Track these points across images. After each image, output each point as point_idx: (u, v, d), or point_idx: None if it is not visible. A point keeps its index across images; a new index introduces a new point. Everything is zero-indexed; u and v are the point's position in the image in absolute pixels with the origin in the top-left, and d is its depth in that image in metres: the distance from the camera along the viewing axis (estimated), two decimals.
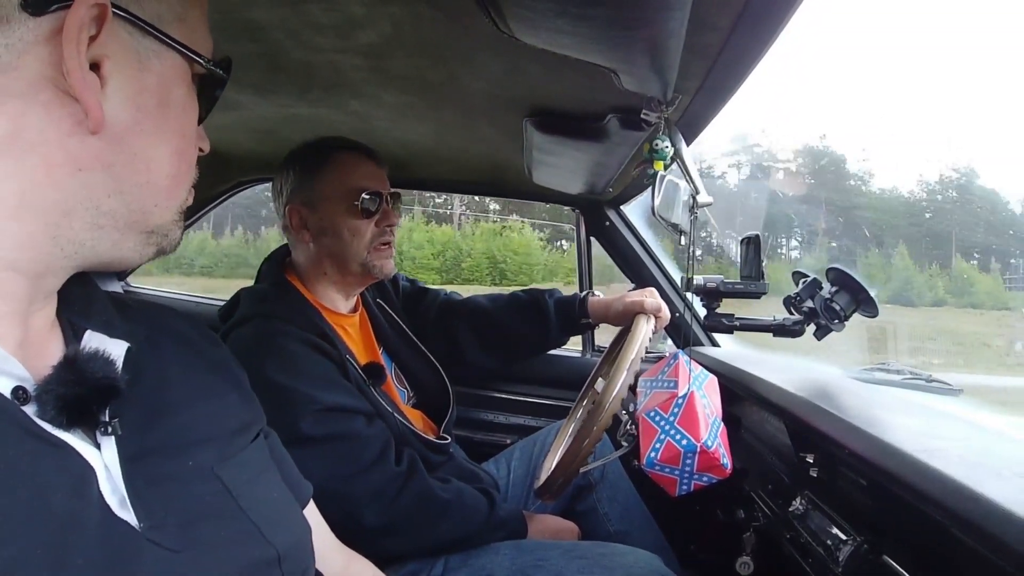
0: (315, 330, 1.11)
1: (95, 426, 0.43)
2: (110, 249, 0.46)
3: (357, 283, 1.28)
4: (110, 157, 0.43)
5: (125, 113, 0.43)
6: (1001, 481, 0.61)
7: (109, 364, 0.45)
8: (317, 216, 1.20)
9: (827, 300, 1.12)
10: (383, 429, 1.13)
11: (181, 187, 0.50)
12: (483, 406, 1.91)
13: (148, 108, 0.45)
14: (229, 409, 0.58)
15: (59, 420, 0.41)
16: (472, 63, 0.89)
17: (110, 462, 0.43)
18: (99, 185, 0.43)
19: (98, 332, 0.48)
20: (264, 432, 0.65)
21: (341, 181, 1.19)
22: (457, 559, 1.12)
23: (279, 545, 0.52)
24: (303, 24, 0.81)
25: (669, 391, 1.02)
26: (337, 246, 1.20)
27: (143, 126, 0.45)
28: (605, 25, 0.60)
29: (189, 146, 0.50)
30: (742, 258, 1.18)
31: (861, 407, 0.92)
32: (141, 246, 0.48)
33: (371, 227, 1.21)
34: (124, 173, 0.44)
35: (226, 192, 2.01)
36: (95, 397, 0.43)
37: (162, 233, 0.49)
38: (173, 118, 0.47)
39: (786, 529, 1.00)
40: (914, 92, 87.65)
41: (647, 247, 1.82)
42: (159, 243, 0.50)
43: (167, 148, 0.47)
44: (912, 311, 19.99)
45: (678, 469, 0.96)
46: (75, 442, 0.41)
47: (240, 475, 0.53)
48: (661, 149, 0.89)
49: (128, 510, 0.42)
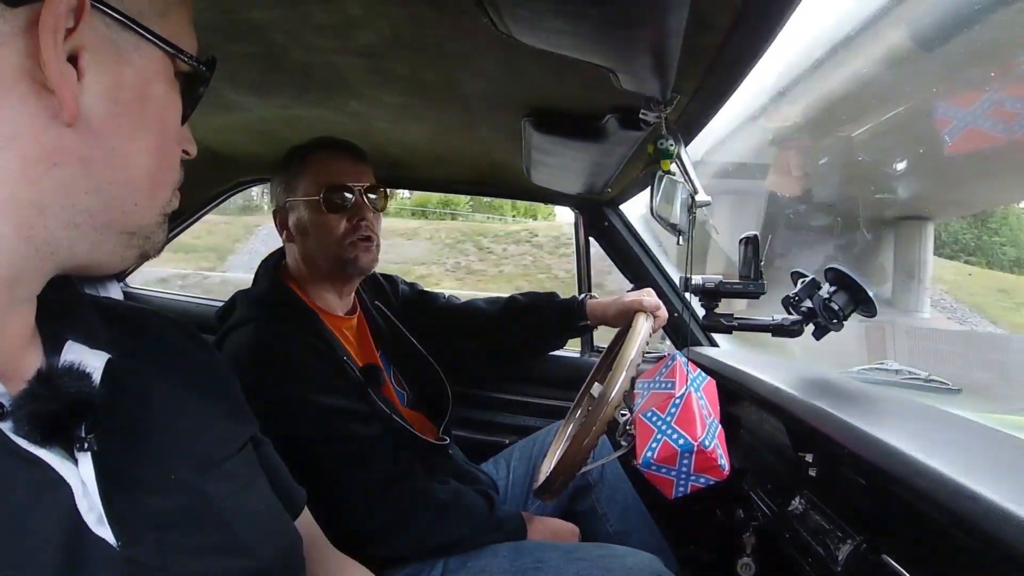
0: (312, 332, 1.11)
1: (72, 442, 0.42)
2: (89, 251, 0.45)
3: (341, 280, 1.26)
4: (86, 152, 0.42)
5: (102, 106, 0.42)
6: (999, 480, 0.61)
7: (85, 378, 0.44)
8: (295, 216, 1.21)
9: (825, 300, 1.12)
10: (381, 431, 1.13)
11: (162, 187, 0.49)
12: (482, 406, 1.90)
13: (126, 102, 0.44)
14: (216, 420, 0.58)
15: (34, 436, 0.40)
16: (471, 63, 0.89)
17: (87, 478, 0.42)
18: (75, 181, 0.42)
19: (78, 343, 0.47)
20: (256, 440, 0.65)
21: (312, 180, 1.20)
22: (456, 561, 1.12)
23: (265, 557, 0.52)
24: (302, 25, 0.81)
25: (666, 392, 1.02)
26: (311, 244, 1.21)
27: (120, 120, 0.44)
28: (603, 25, 0.60)
29: (170, 144, 0.49)
30: (741, 258, 1.18)
31: (860, 406, 0.92)
32: (122, 248, 0.47)
33: (342, 222, 1.20)
34: (101, 169, 0.43)
35: (225, 192, 2.01)
36: (69, 413, 0.42)
37: (144, 235, 0.48)
38: (152, 114, 0.46)
39: (785, 529, 1.01)
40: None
41: (645, 247, 1.82)
42: (141, 246, 0.48)
43: (146, 144, 0.46)
44: None
45: (674, 469, 0.96)
46: (51, 458, 0.41)
47: (225, 487, 0.53)
48: (667, 148, 0.89)
49: (105, 527, 0.42)
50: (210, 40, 0.88)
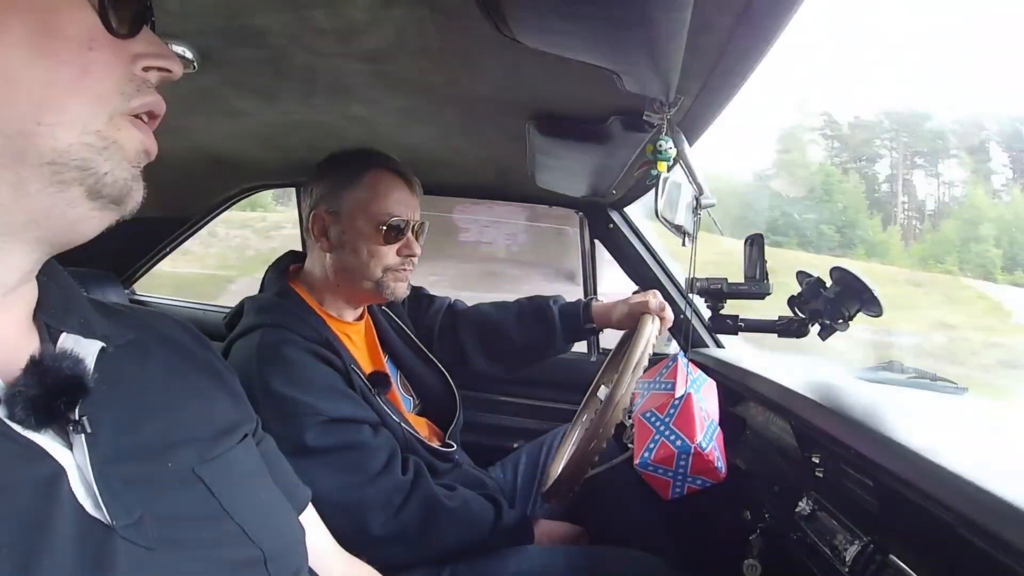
0: (319, 339, 1.11)
1: (66, 425, 0.42)
2: (17, 197, 0.41)
3: (367, 299, 1.28)
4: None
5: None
6: (1008, 480, 0.61)
7: (78, 363, 0.44)
8: (340, 228, 1.19)
9: (831, 300, 1.11)
10: (388, 438, 1.13)
11: (70, 97, 0.42)
12: (489, 410, 1.90)
13: (1, 21, 0.39)
14: (215, 410, 0.58)
15: (28, 421, 0.40)
16: (474, 67, 0.89)
17: (82, 462, 0.42)
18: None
19: (74, 334, 0.47)
20: (257, 436, 0.65)
21: (372, 200, 1.18)
22: (463, 567, 1.12)
23: (265, 546, 0.52)
24: (306, 29, 0.81)
25: (666, 393, 1.02)
26: (354, 262, 1.19)
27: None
28: (606, 27, 0.60)
29: (73, 49, 0.42)
30: (746, 259, 1.18)
31: (866, 407, 0.92)
32: (53, 188, 0.42)
33: (392, 253, 1.20)
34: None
35: (231, 198, 2.02)
36: (62, 396, 0.42)
37: (77, 166, 0.42)
38: (33, 23, 0.40)
39: (792, 530, 1.00)
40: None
41: (651, 249, 1.82)
42: (84, 181, 0.42)
43: (32, 56, 0.40)
44: None
45: (671, 470, 0.96)
46: (46, 443, 0.41)
47: (224, 476, 0.52)
48: (665, 150, 0.89)
49: (100, 509, 0.41)
50: (213, 46, 0.89)
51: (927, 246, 24.34)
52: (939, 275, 19.06)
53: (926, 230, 27.35)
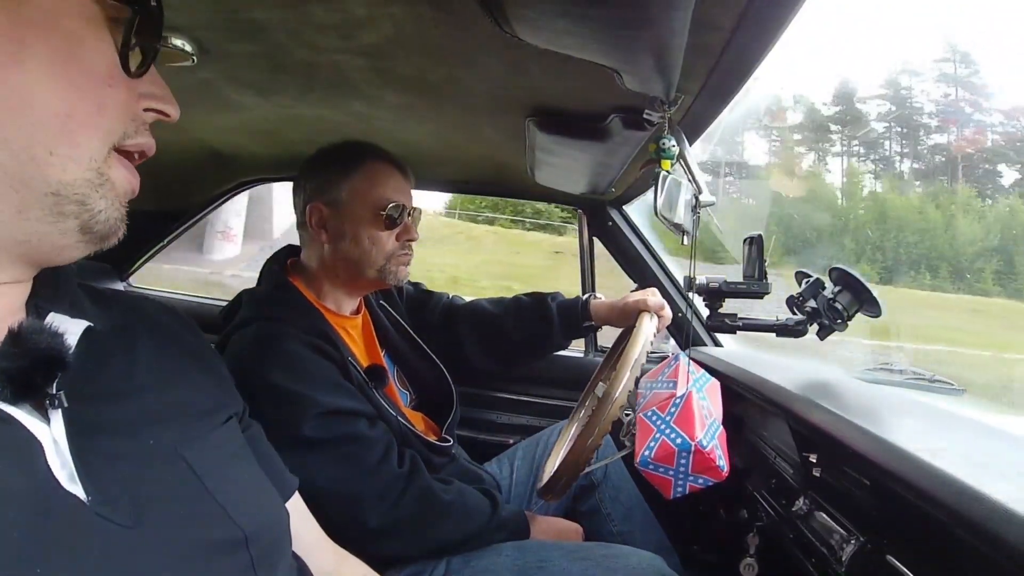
0: (317, 332, 1.11)
1: (43, 398, 0.42)
2: (17, 217, 0.41)
3: (368, 287, 1.29)
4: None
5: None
6: (1005, 481, 0.61)
7: (56, 337, 0.43)
8: (339, 219, 1.20)
9: (830, 300, 1.11)
10: (385, 431, 1.13)
11: (84, 131, 0.43)
12: (486, 406, 1.90)
13: (25, 40, 0.40)
14: (200, 392, 0.58)
15: (4, 394, 0.40)
16: (474, 63, 0.89)
17: (58, 436, 0.42)
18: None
19: (61, 314, 0.47)
20: (244, 423, 0.65)
21: (370, 189, 1.20)
22: (459, 560, 1.12)
23: (246, 526, 0.51)
24: (305, 24, 0.81)
25: (668, 391, 1.02)
26: (355, 252, 1.20)
27: (19, 57, 0.40)
28: (607, 25, 0.60)
29: (93, 84, 0.43)
30: (745, 258, 1.17)
31: (864, 407, 0.92)
32: (53, 217, 0.43)
33: (392, 238, 1.22)
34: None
35: (228, 192, 2.01)
36: (39, 369, 0.42)
37: (76, 200, 0.43)
38: (61, 49, 0.41)
39: (789, 529, 1.00)
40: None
41: (650, 247, 1.82)
42: (78, 215, 0.44)
43: (55, 83, 0.41)
44: None
45: (672, 469, 0.95)
46: (22, 416, 0.41)
47: (207, 456, 0.52)
48: (668, 148, 0.89)
49: (77, 484, 0.41)
50: (212, 39, 0.88)
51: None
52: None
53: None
